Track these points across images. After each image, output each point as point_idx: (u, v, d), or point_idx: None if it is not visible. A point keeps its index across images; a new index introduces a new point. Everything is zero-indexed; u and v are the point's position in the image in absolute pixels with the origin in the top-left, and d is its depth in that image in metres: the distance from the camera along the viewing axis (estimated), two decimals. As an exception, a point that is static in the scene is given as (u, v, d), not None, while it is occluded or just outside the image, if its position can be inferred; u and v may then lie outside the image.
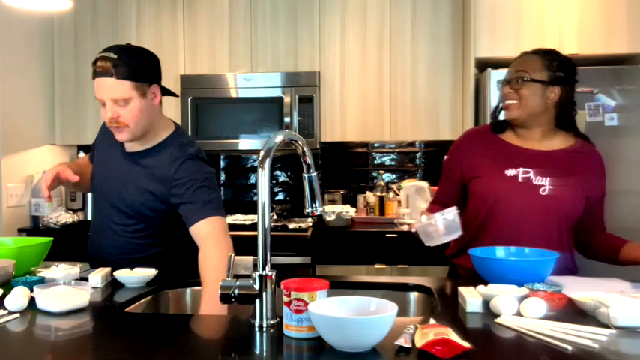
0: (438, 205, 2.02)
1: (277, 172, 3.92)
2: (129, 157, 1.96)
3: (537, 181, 1.84)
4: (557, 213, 1.83)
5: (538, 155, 1.88)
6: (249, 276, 1.34)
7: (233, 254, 1.43)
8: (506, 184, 1.85)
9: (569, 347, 1.13)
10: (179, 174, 1.87)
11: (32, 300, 1.47)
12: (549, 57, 1.87)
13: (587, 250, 1.97)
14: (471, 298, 1.41)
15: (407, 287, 1.72)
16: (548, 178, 1.84)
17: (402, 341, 1.14)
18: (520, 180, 1.85)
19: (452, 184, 2.00)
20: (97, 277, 1.69)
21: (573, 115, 1.91)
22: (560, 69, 1.85)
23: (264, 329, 1.29)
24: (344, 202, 3.71)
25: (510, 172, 1.86)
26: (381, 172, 3.78)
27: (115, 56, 1.79)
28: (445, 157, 2.07)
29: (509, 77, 1.89)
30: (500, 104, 1.95)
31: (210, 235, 1.79)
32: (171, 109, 3.62)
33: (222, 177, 4.02)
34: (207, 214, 1.81)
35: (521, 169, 1.86)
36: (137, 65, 1.83)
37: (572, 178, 1.85)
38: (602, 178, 1.93)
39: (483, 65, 3.10)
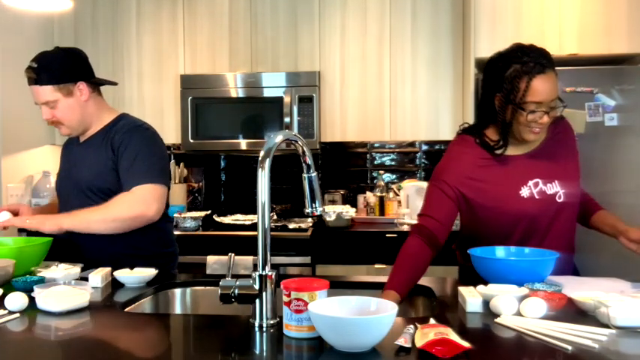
0: (420, 235, 1.78)
1: (277, 172, 3.92)
2: (82, 145, 2.13)
3: (550, 189, 1.79)
4: (573, 210, 1.84)
5: (533, 156, 1.83)
6: (249, 276, 1.35)
7: (233, 255, 1.43)
8: (527, 208, 1.77)
9: (569, 347, 1.13)
10: (124, 142, 2.02)
11: (32, 300, 1.47)
12: (554, 67, 1.78)
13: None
14: (471, 298, 1.41)
15: (407, 287, 1.72)
16: (556, 181, 1.79)
17: (402, 341, 1.14)
18: (537, 197, 1.78)
19: (444, 199, 1.80)
20: (97, 277, 1.69)
21: None
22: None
23: (264, 329, 1.29)
24: (344, 202, 3.71)
25: (525, 192, 1.78)
26: (381, 172, 3.78)
27: (36, 65, 2.01)
28: (436, 174, 1.87)
29: (548, 108, 1.72)
30: (504, 125, 1.79)
31: (131, 192, 1.95)
32: (172, 109, 3.62)
33: (223, 177, 4.02)
34: (139, 182, 1.96)
35: (530, 183, 1.79)
36: (57, 69, 2.01)
37: (568, 165, 1.83)
38: (574, 141, 1.90)
39: (483, 65, 3.09)
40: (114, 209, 1.93)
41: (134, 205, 1.93)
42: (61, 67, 2.02)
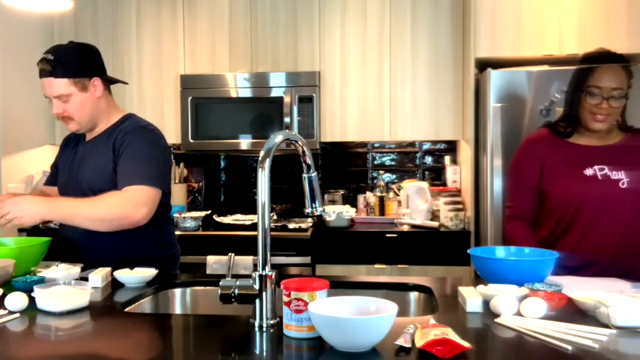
0: (517, 219, 2.06)
1: (277, 172, 3.92)
2: (87, 144, 2.09)
3: (614, 175, 1.93)
4: (639, 204, 1.92)
5: (606, 150, 1.97)
6: (249, 276, 1.35)
7: (233, 255, 1.43)
8: (589, 185, 1.93)
9: (569, 347, 1.13)
10: (125, 142, 1.99)
11: (32, 300, 1.47)
12: (626, 66, 1.97)
13: None
14: (471, 298, 1.41)
15: (407, 287, 1.72)
16: (622, 171, 1.92)
17: (402, 341, 1.14)
18: (600, 178, 1.93)
19: (529, 190, 2.04)
20: (97, 277, 1.69)
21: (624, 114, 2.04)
22: (631, 76, 1.97)
23: (264, 329, 1.29)
24: (344, 202, 3.71)
25: (589, 172, 1.95)
26: (381, 172, 3.78)
27: (52, 57, 1.95)
28: (513, 165, 2.12)
29: (606, 94, 1.92)
30: (570, 110, 2.01)
31: (122, 191, 1.90)
32: (172, 109, 3.62)
33: (223, 177, 4.02)
34: (133, 182, 1.91)
35: (596, 167, 1.94)
36: (74, 62, 1.97)
37: (638, 166, 1.94)
38: None
39: (483, 65, 3.10)
40: (102, 207, 1.87)
41: (123, 206, 1.88)
42: (78, 60, 1.99)
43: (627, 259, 1.89)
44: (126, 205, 1.88)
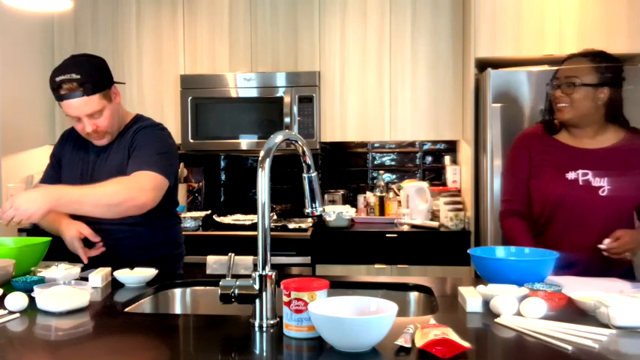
0: (514, 214, 2.05)
1: (277, 172, 3.92)
2: (101, 148, 2.04)
3: (596, 182, 1.93)
4: (617, 211, 1.93)
5: (594, 154, 1.97)
6: (249, 276, 1.35)
7: (233, 255, 1.43)
8: (568, 187, 1.94)
9: (569, 347, 1.13)
10: (137, 138, 1.99)
11: (32, 300, 1.47)
12: (598, 59, 1.96)
13: None
14: (471, 298, 1.41)
15: (407, 287, 1.72)
16: (606, 179, 1.93)
17: (402, 341, 1.14)
18: (581, 183, 1.94)
19: (523, 183, 2.06)
20: (97, 277, 1.69)
21: (622, 111, 2.02)
22: (608, 70, 1.95)
23: (264, 329, 1.29)
24: (344, 202, 3.71)
25: (571, 175, 1.96)
26: (381, 172, 3.78)
27: (78, 76, 1.87)
28: (508, 160, 2.15)
29: (560, 82, 1.98)
30: (547, 106, 2.07)
31: (130, 176, 1.87)
32: (172, 109, 3.62)
33: (223, 177, 4.02)
34: (141, 168, 1.89)
35: (580, 171, 1.95)
36: (98, 76, 1.92)
37: (628, 173, 1.94)
38: None
39: (483, 65, 3.10)
40: (108, 192, 1.79)
41: (129, 189, 1.82)
42: (100, 73, 1.94)
43: (605, 261, 1.87)
44: (132, 189, 1.83)
